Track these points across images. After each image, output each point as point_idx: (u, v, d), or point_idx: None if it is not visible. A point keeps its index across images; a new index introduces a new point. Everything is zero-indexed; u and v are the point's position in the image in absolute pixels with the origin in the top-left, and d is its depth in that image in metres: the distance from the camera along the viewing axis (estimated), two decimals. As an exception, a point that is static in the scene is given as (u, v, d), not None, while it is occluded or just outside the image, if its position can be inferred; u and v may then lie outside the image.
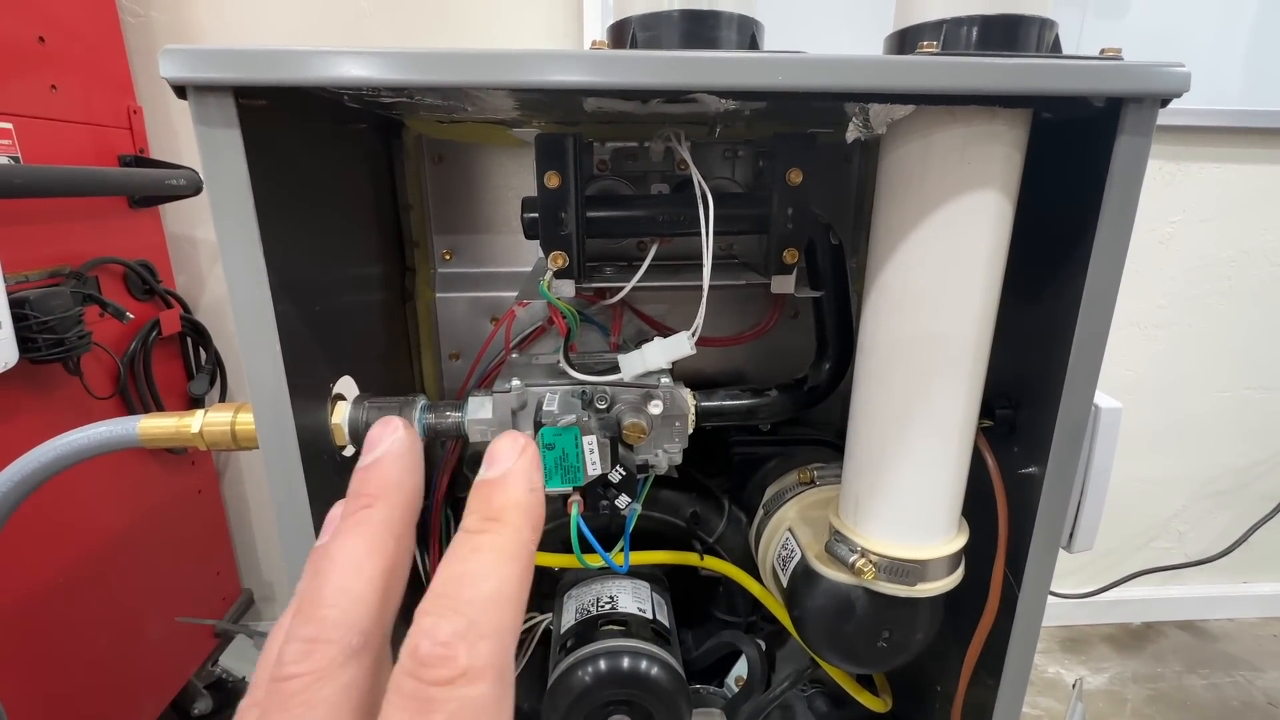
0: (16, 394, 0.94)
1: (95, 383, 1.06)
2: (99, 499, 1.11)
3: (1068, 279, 0.42)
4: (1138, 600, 1.87)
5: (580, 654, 0.53)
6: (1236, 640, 1.89)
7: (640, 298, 0.67)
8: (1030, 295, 0.46)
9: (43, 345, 0.93)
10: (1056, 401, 0.42)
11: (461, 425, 0.49)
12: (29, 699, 0.97)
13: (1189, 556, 1.82)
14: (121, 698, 1.16)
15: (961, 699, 0.52)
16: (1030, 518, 0.45)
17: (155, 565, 1.23)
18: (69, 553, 1.04)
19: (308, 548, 0.41)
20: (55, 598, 1.00)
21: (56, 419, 1.01)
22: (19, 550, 0.95)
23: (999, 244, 0.41)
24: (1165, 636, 1.91)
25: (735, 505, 0.66)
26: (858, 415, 0.48)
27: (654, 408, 0.48)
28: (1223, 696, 1.71)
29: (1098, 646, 1.88)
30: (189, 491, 1.35)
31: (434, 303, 0.67)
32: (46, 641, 0.99)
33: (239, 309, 0.35)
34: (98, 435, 0.46)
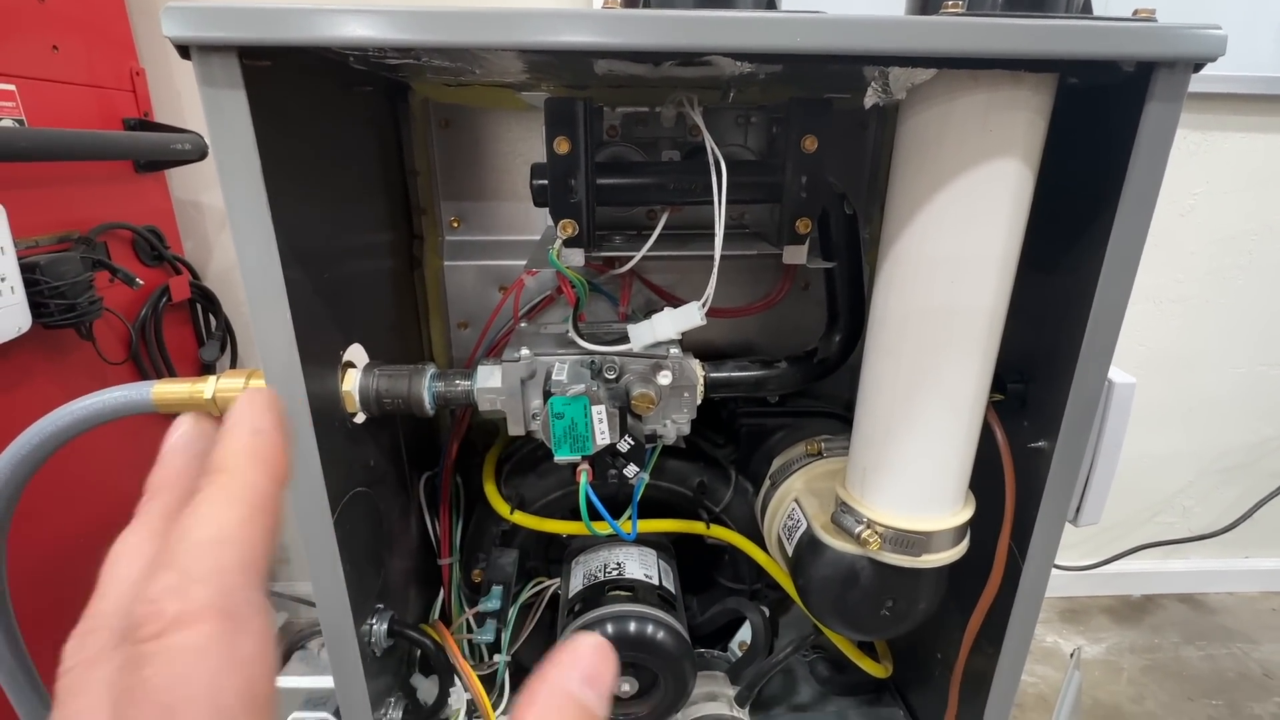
0: (31, 358, 0.95)
1: (108, 348, 1.07)
2: (115, 463, 1.13)
3: (1087, 251, 0.41)
4: (1139, 573, 1.88)
5: (588, 618, 0.54)
6: (1235, 613, 1.91)
7: (650, 267, 0.66)
8: (1047, 267, 0.45)
9: (55, 310, 0.93)
10: (1070, 376, 0.42)
11: (471, 394, 0.49)
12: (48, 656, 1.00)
13: (1193, 531, 1.82)
14: (143, 653, 1.20)
15: (962, 667, 0.53)
16: (1038, 492, 0.45)
17: (173, 527, 1.26)
18: (89, 515, 1.06)
19: (321, 514, 0.41)
20: (77, 558, 1.03)
21: (72, 383, 1.03)
22: (41, 512, 0.97)
23: (1018, 214, 0.40)
24: (1164, 609, 1.93)
25: (742, 475, 0.66)
26: (867, 388, 0.48)
27: (663, 378, 0.48)
28: (1218, 667, 1.73)
29: (1097, 617, 1.90)
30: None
31: (442, 271, 0.67)
32: (72, 599, 1.02)
33: (249, 275, 0.35)
34: (113, 399, 0.47)
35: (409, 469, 0.63)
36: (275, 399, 0.20)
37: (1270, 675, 1.72)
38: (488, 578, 0.60)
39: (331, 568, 0.43)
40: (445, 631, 0.56)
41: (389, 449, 0.58)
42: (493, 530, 0.64)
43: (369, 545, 0.51)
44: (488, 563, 0.61)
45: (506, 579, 0.59)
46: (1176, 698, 1.64)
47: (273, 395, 0.20)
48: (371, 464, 0.52)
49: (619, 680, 0.54)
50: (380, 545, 0.53)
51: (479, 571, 0.63)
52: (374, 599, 0.51)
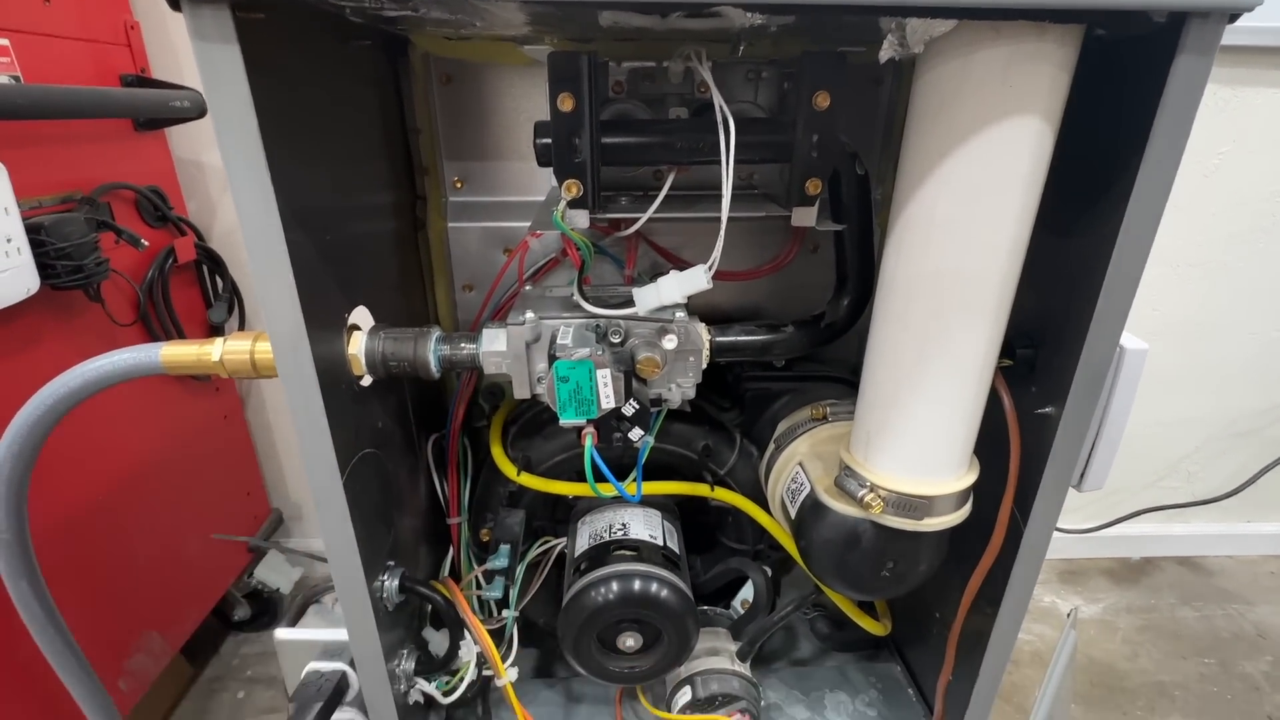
0: (41, 320, 0.96)
1: (117, 310, 1.07)
2: (130, 424, 1.15)
3: (1105, 213, 0.40)
4: (1139, 536, 1.90)
5: (593, 576, 0.55)
6: (1234, 576, 1.93)
7: (656, 229, 0.65)
8: (1062, 230, 0.44)
9: (62, 272, 0.94)
10: (1081, 342, 0.41)
11: (476, 357, 0.49)
12: (82, 606, 1.04)
13: (1196, 496, 1.83)
14: (166, 606, 1.24)
15: (960, 626, 0.54)
16: (1043, 457, 0.45)
17: (188, 486, 1.29)
18: (105, 474, 1.09)
19: (330, 475, 0.42)
20: (96, 516, 1.06)
21: (83, 344, 1.03)
22: (59, 471, 0.99)
23: (1036, 174, 0.39)
24: (1163, 571, 1.95)
25: (746, 439, 0.67)
26: (874, 352, 0.47)
27: (668, 342, 0.48)
28: (1213, 627, 1.76)
29: (1095, 579, 1.93)
30: (215, 416, 1.40)
31: (446, 232, 0.66)
32: (92, 555, 1.05)
33: (250, 237, 0.35)
34: (123, 361, 0.47)
35: (417, 430, 0.63)
36: None
37: (1264, 635, 1.75)
38: (495, 537, 0.61)
39: (342, 527, 0.43)
40: (455, 588, 0.57)
41: (396, 411, 0.58)
42: (500, 491, 0.65)
43: (379, 505, 0.52)
44: (495, 522, 0.63)
45: (514, 538, 0.61)
46: (1170, 656, 1.68)
47: None
48: (379, 426, 0.53)
49: (625, 635, 0.56)
50: (390, 505, 0.54)
51: (487, 531, 0.64)
52: (385, 556, 0.52)
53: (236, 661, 1.56)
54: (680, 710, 0.59)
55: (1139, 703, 1.55)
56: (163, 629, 1.23)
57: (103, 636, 1.09)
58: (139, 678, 1.17)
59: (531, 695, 0.67)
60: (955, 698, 0.58)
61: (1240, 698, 1.55)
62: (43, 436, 0.47)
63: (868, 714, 0.66)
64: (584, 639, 0.55)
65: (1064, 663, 0.79)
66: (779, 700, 0.67)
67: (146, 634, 1.19)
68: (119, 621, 1.13)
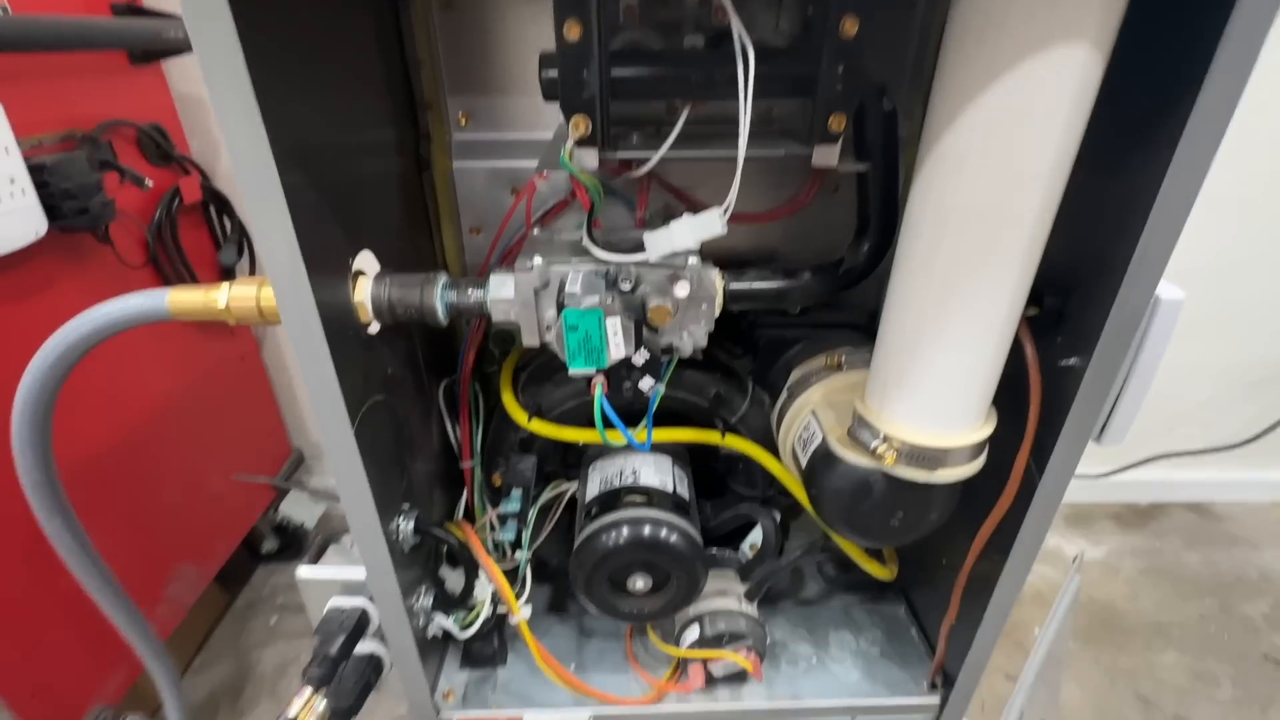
0: (53, 263, 0.96)
1: (126, 252, 1.07)
2: (148, 366, 1.16)
3: (1153, 151, 0.37)
4: (1148, 482, 1.90)
5: (604, 521, 0.56)
6: (1242, 521, 1.94)
7: (669, 168, 0.63)
8: (1103, 169, 0.41)
9: (68, 213, 0.93)
10: (1114, 291, 0.39)
11: (484, 304, 0.48)
12: (117, 540, 1.09)
13: (1211, 444, 1.81)
14: (197, 539, 1.30)
15: (967, 573, 0.55)
16: (1064, 410, 0.44)
17: (209, 427, 1.32)
18: (127, 416, 1.11)
19: (340, 425, 0.42)
20: (122, 455, 1.09)
21: (95, 286, 1.04)
22: (82, 413, 1.02)
23: (1081, 105, 0.36)
24: (1170, 516, 1.97)
25: (759, 386, 0.66)
26: (894, 300, 0.45)
27: (680, 289, 0.47)
28: (1217, 571, 1.79)
29: (1101, 523, 1.95)
30: (231, 358, 1.42)
31: (452, 172, 0.64)
32: (121, 493, 1.09)
33: (244, 179, 0.33)
34: (130, 308, 0.47)
35: (427, 376, 0.63)
36: None
37: (1267, 579, 1.77)
38: (507, 482, 0.62)
39: (355, 474, 0.44)
40: (469, 530, 0.59)
41: (406, 357, 0.58)
42: (511, 436, 0.65)
43: (391, 450, 0.52)
44: (507, 468, 0.63)
45: (525, 483, 0.61)
46: (1170, 597, 1.71)
47: None
48: (389, 372, 0.53)
49: (635, 578, 0.57)
50: (402, 450, 0.55)
51: (499, 475, 0.65)
52: (399, 500, 0.53)
53: (267, 590, 1.64)
54: (688, 647, 0.61)
55: (1136, 641, 1.59)
56: (195, 560, 1.29)
57: (139, 568, 1.15)
58: (176, 605, 1.24)
59: (545, 629, 0.70)
60: (958, 640, 0.60)
61: (1237, 638, 1.58)
62: (58, 383, 0.48)
63: (870, 652, 0.68)
64: (595, 581, 0.57)
65: (1066, 605, 0.80)
66: (784, 638, 0.69)
67: (180, 565, 1.25)
68: (153, 554, 1.18)
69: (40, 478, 0.51)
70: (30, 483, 0.51)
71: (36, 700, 0.93)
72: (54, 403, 0.49)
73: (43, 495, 0.52)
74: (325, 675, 0.50)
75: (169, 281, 1.19)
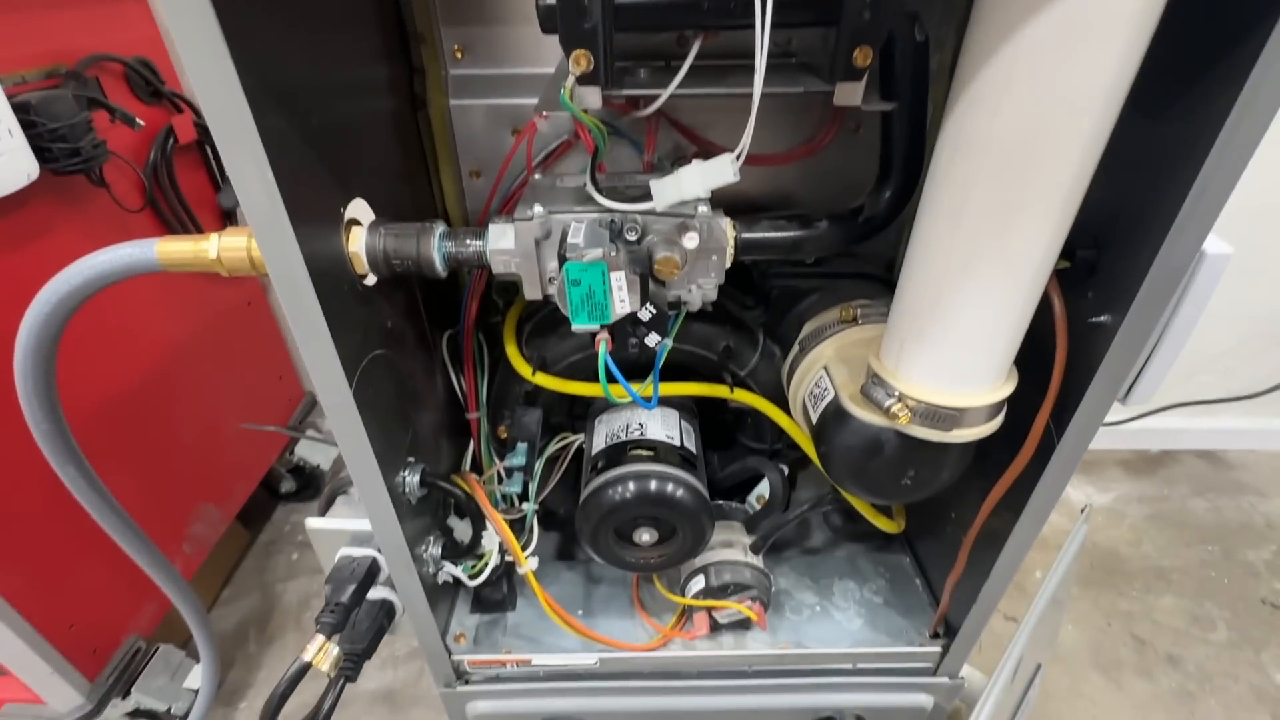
0: (48, 207, 0.94)
1: (123, 195, 1.04)
2: (155, 313, 1.16)
3: (1214, 91, 0.33)
4: (1160, 429, 1.88)
5: (610, 475, 0.56)
6: (1253, 470, 1.93)
7: (679, 106, 0.58)
8: (1154, 110, 0.37)
9: (59, 155, 0.90)
10: (1157, 244, 0.36)
11: (483, 255, 0.46)
12: (137, 484, 1.12)
13: (1229, 393, 1.78)
14: (216, 481, 1.34)
15: (976, 530, 0.54)
16: (1090, 370, 0.42)
17: (220, 371, 1.33)
18: (136, 362, 1.12)
19: (337, 384, 0.41)
20: (136, 400, 1.10)
21: (95, 232, 1.02)
22: (90, 362, 1.02)
23: (1138, 36, 0.32)
24: (1180, 464, 1.96)
25: (770, 339, 0.64)
26: (917, 250, 0.43)
27: (689, 240, 0.44)
28: (1222, 518, 1.79)
29: (1110, 469, 1.95)
30: (238, 303, 1.41)
31: (448, 111, 0.60)
32: (137, 437, 1.11)
33: (215, 123, 0.31)
34: (118, 260, 0.45)
35: (430, 327, 0.62)
36: None
37: (1273, 526, 1.77)
38: (513, 435, 0.61)
39: (355, 433, 0.43)
40: (475, 483, 0.59)
41: (406, 309, 0.56)
42: (516, 389, 0.65)
43: (394, 405, 0.51)
44: (513, 421, 0.63)
45: (531, 437, 0.61)
46: (1174, 543, 1.72)
47: None
48: (389, 326, 0.51)
49: (641, 530, 0.57)
50: (406, 403, 0.54)
51: (504, 428, 0.64)
52: (404, 454, 0.53)
53: (288, 528, 1.70)
54: (693, 596, 0.62)
55: (1136, 584, 1.62)
56: (216, 501, 1.32)
57: (161, 509, 1.18)
58: (200, 543, 1.28)
59: (553, 576, 0.71)
60: (962, 592, 0.60)
61: (1237, 583, 1.60)
62: (55, 336, 0.47)
63: (874, 601, 0.69)
64: (601, 534, 0.57)
65: (1072, 554, 0.81)
66: (789, 586, 0.70)
67: (201, 505, 1.28)
68: (173, 496, 1.21)
69: (49, 427, 0.51)
70: (40, 432, 0.51)
71: (74, 634, 0.98)
72: (54, 355, 0.48)
73: (53, 443, 0.52)
74: (338, 623, 0.51)
75: (170, 226, 1.17)
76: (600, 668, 0.64)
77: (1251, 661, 1.42)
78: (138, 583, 1.06)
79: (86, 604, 1.02)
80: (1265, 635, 1.48)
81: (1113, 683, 1.39)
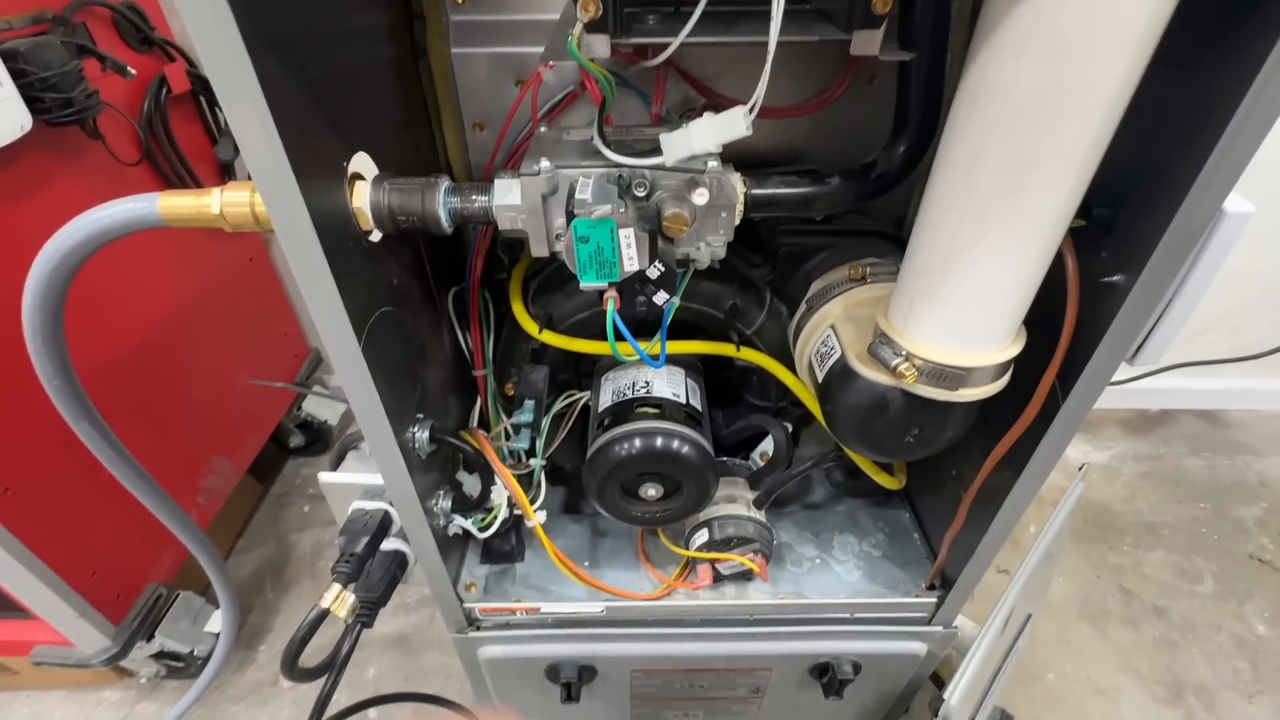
0: (44, 160, 0.92)
1: (119, 147, 1.02)
2: (158, 268, 1.15)
3: (1247, 38, 0.32)
4: (1161, 389, 1.88)
5: (616, 432, 0.56)
6: (1250, 429, 1.95)
7: (689, 55, 0.57)
8: (1181, 59, 0.36)
9: (51, 105, 0.88)
10: (1177, 201, 0.36)
11: (489, 211, 0.45)
12: (151, 438, 1.14)
13: (1234, 353, 1.77)
14: (227, 435, 1.36)
15: (977, 487, 0.55)
16: (1100, 330, 0.42)
17: (226, 327, 1.33)
18: (143, 318, 1.12)
19: (346, 337, 0.41)
20: (145, 356, 1.11)
21: (93, 185, 1.01)
22: (96, 318, 1.02)
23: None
24: (1179, 423, 1.97)
25: (777, 298, 0.64)
26: (930, 207, 0.42)
27: (698, 197, 0.43)
28: (1216, 476, 1.82)
29: (1109, 428, 1.96)
30: (240, 259, 1.40)
31: (450, 60, 0.58)
32: (147, 393, 1.12)
33: (214, 73, 0.30)
34: (120, 214, 0.45)
35: (435, 284, 0.62)
36: None
37: (1265, 484, 1.80)
38: (519, 392, 0.62)
39: (365, 388, 0.44)
40: (483, 439, 0.59)
41: (412, 265, 0.56)
42: (522, 347, 0.65)
43: (402, 361, 0.52)
44: (520, 378, 0.63)
45: (538, 394, 0.61)
46: (1167, 500, 1.75)
47: None
48: (395, 282, 0.51)
49: (647, 486, 0.59)
50: (414, 360, 0.55)
51: (511, 385, 0.65)
52: (413, 410, 0.53)
53: (299, 481, 1.73)
54: (697, 549, 0.64)
55: (1127, 539, 1.65)
56: (227, 455, 1.35)
57: (174, 463, 1.20)
58: (213, 495, 1.31)
59: (560, 529, 0.73)
60: (960, 547, 0.61)
61: (1226, 538, 1.64)
62: (61, 292, 0.47)
63: (873, 554, 0.70)
64: (608, 489, 0.58)
65: (1067, 510, 0.82)
66: (790, 540, 0.72)
67: (214, 459, 1.31)
68: (186, 449, 1.23)
69: (61, 383, 0.52)
70: (52, 388, 0.52)
71: (97, 581, 1.02)
72: (61, 311, 0.48)
73: (67, 401, 0.53)
74: (353, 572, 0.53)
75: (167, 180, 1.15)
76: (607, 615, 0.66)
77: (1235, 613, 1.47)
78: (156, 533, 1.09)
79: (107, 553, 1.05)
80: (1250, 588, 1.52)
81: (1099, 632, 1.44)
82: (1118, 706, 1.32)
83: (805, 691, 0.74)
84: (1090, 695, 1.34)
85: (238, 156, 1.28)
